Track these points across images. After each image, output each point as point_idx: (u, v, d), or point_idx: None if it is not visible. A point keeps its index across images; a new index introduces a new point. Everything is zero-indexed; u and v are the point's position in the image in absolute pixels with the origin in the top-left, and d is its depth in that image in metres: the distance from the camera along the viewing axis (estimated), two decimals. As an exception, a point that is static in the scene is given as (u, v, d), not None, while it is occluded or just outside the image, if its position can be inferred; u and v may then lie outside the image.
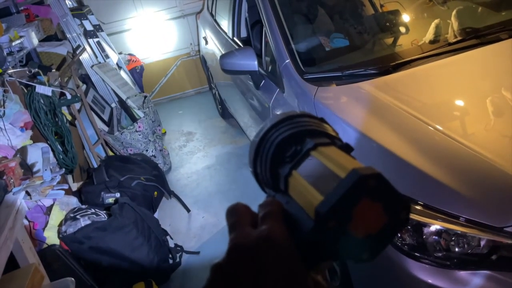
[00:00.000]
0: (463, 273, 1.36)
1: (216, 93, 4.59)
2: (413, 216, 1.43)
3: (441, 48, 2.17)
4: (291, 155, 0.40)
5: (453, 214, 1.39)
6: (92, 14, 3.94)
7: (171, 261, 2.53)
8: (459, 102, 1.92)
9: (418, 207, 1.44)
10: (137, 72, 4.53)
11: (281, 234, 0.35)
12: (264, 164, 0.42)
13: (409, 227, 1.44)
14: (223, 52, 3.13)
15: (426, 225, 1.42)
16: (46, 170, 1.82)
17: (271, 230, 0.35)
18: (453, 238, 1.38)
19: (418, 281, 1.39)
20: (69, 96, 2.56)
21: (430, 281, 1.39)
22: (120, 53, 4.49)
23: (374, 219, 0.33)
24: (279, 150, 0.41)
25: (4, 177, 1.69)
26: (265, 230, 0.35)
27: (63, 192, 1.84)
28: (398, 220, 0.34)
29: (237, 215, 0.39)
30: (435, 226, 1.41)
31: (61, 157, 2.49)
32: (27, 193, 1.68)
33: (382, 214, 0.33)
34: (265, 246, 0.34)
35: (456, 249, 1.37)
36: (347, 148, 0.39)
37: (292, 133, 0.40)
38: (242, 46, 2.98)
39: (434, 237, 1.41)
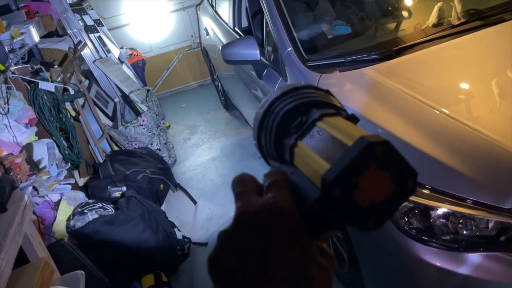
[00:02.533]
0: (471, 255, 1.35)
1: (219, 84, 4.58)
2: (420, 199, 1.43)
3: (444, 31, 2.14)
4: (296, 126, 0.39)
5: (460, 196, 1.39)
6: (92, 9, 3.93)
7: (179, 253, 2.54)
8: (464, 85, 1.90)
9: (425, 191, 1.43)
10: (139, 66, 4.53)
11: (287, 202, 0.35)
12: (269, 136, 0.41)
13: (417, 211, 1.43)
14: (224, 43, 3.11)
15: (434, 208, 1.41)
16: (52, 165, 1.83)
17: (277, 198, 0.35)
18: (461, 221, 1.37)
19: (427, 264, 1.39)
20: (72, 92, 2.57)
21: (438, 264, 1.39)
22: (121, 48, 4.48)
23: (381, 187, 0.33)
24: (284, 121, 0.40)
25: (11, 173, 1.70)
26: (270, 198, 0.36)
27: (69, 186, 1.84)
28: (404, 189, 0.33)
29: (243, 185, 0.39)
30: (442, 209, 1.40)
31: (67, 152, 2.50)
32: (35, 189, 1.69)
33: (389, 182, 0.33)
34: (270, 213, 0.34)
35: (464, 232, 1.37)
36: (353, 119, 0.39)
37: (297, 104, 0.40)
38: (243, 36, 2.96)
39: (441, 220, 1.41)
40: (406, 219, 1.44)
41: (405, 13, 2.67)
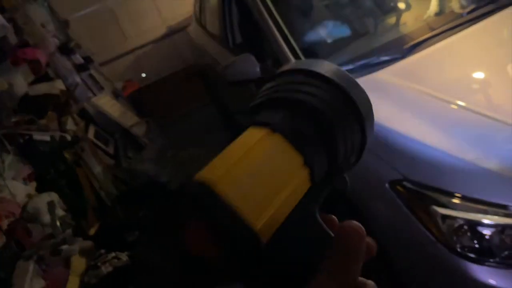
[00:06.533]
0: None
1: (221, 104, 4.46)
2: (464, 214, 1.28)
3: (454, 22, 2.01)
4: None
5: (500, 204, 1.25)
6: (80, 47, 3.84)
7: None
8: (485, 77, 1.77)
9: (457, 201, 1.29)
10: (135, 97, 4.42)
11: None
12: None
13: (466, 227, 1.27)
14: (222, 64, 3.00)
15: (481, 223, 1.26)
16: (56, 225, 1.69)
17: None
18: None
19: (486, 286, 1.23)
20: (69, 138, 2.44)
21: (496, 283, 1.23)
22: (115, 81, 4.39)
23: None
24: None
25: (12, 242, 1.56)
26: None
27: (77, 248, 1.70)
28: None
29: None
30: (493, 222, 1.25)
31: (71, 201, 2.37)
32: (39, 256, 1.55)
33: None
34: None
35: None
36: None
37: None
38: (241, 54, 2.84)
39: (494, 235, 1.25)
40: (455, 238, 1.28)
41: (402, 5, 2.55)
